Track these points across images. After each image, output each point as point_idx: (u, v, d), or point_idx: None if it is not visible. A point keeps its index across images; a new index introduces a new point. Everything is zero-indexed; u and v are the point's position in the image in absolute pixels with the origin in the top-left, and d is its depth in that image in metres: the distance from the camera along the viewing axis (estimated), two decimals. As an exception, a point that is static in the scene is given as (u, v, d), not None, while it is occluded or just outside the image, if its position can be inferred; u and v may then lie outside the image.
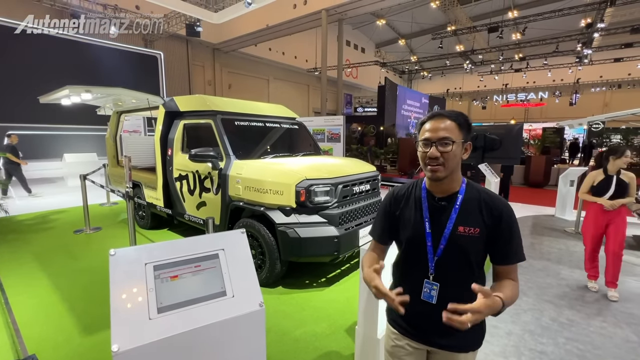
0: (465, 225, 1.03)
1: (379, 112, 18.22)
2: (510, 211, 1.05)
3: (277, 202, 3.06)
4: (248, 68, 20.94)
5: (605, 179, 3.19)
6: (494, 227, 1.02)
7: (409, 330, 1.14)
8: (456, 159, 1.03)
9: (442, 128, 1.01)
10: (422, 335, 1.11)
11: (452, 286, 1.05)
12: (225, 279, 1.17)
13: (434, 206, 1.08)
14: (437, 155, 1.00)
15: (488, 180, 5.41)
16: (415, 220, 1.09)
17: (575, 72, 24.28)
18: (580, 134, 20.26)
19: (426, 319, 1.08)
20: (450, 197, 1.07)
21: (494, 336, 2.56)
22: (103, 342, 2.36)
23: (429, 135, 1.02)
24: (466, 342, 1.10)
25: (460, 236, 1.03)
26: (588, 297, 3.20)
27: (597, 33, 16.20)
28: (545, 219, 6.26)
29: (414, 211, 1.11)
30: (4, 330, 2.58)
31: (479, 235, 1.02)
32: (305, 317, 2.73)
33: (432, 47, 22.88)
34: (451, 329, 1.03)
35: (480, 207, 1.04)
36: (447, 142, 1.00)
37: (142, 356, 0.97)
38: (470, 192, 1.07)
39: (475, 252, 1.03)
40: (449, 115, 1.03)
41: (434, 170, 1.02)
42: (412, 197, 1.14)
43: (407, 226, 1.11)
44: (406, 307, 1.10)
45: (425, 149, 1.03)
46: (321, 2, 14.42)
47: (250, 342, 1.16)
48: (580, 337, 2.55)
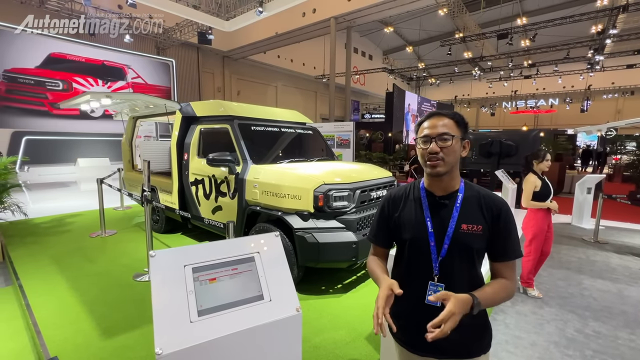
0: (468, 223, 1.03)
1: (387, 118, 18.24)
2: (509, 208, 1.07)
3: (294, 206, 3.05)
4: (257, 75, 21.21)
5: (544, 183, 3.18)
6: (493, 224, 1.03)
7: (416, 345, 1.10)
8: (456, 155, 1.04)
9: (441, 125, 1.04)
10: (430, 346, 1.05)
11: (457, 286, 1.01)
12: (261, 282, 1.16)
13: (435, 205, 1.08)
14: (438, 150, 1.02)
15: (505, 186, 5.33)
16: (417, 220, 1.08)
17: (586, 78, 23.99)
18: (593, 141, 19.94)
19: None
20: (450, 196, 1.07)
21: (517, 347, 2.49)
22: (123, 347, 2.36)
23: (429, 132, 1.04)
24: (477, 345, 1.07)
25: (464, 234, 1.03)
26: (614, 308, 3.10)
27: (609, 39, 16.05)
28: (562, 227, 6.12)
29: (414, 211, 1.10)
30: (25, 332, 2.60)
31: (482, 233, 1.03)
32: (324, 323, 2.70)
33: (440, 54, 22.92)
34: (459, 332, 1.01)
35: (480, 204, 1.05)
36: (446, 137, 1.02)
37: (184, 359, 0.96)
38: (469, 190, 1.08)
39: (478, 249, 1.03)
40: (446, 114, 1.07)
41: (434, 165, 1.03)
42: (410, 198, 1.13)
43: (408, 227, 1.10)
44: (410, 316, 1.09)
45: (425, 145, 1.04)
46: (330, 10, 14.59)
47: (287, 348, 1.14)
48: (609, 350, 2.47)
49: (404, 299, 1.08)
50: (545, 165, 3.20)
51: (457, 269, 1.03)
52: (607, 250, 4.83)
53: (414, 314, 1.07)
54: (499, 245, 1.05)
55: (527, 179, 3.21)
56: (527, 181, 3.20)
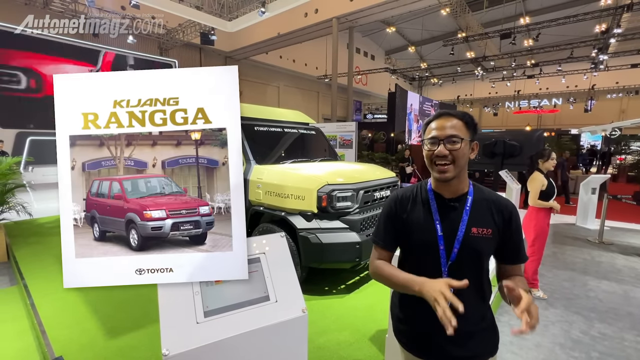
0: (479, 227, 1.01)
1: (389, 118, 18.21)
2: (517, 211, 1.06)
3: (298, 207, 3.05)
4: (259, 76, 21.24)
5: (549, 183, 3.17)
6: (504, 228, 1.02)
7: (422, 349, 1.09)
8: (465, 158, 1.01)
9: (450, 126, 1.00)
10: (437, 351, 1.06)
11: (465, 291, 0.93)
12: (267, 283, 1.16)
13: (444, 208, 1.05)
14: (446, 154, 0.98)
15: (509, 187, 5.30)
16: (426, 223, 1.05)
17: (590, 78, 23.84)
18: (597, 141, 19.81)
19: (439, 329, 1.00)
20: (460, 198, 1.05)
21: (522, 348, 2.48)
22: (128, 347, 2.37)
23: (437, 134, 1.01)
24: (483, 349, 1.06)
25: (474, 238, 1.01)
26: (620, 310, 3.08)
27: (613, 39, 15.94)
28: (566, 228, 6.09)
29: (422, 214, 1.06)
30: (30, 331, 2.61)
31: (492, 236, 1.01)
32: (328, 324, 2.69)
33: (442, 53, 22.85)
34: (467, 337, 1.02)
35: (490, 207, 1.03)
36: (455, 139, 0.98)
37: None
38: (478, 193, 1.06)
39: (488, 253, 1.02)
40: (455, 114, 1.03)
41: (442, 171, 1.00)
42: (418, 199, 1.10)
43: (416, 230, 1.06)
44: (417, 322, 1.07)
45: (432, 147, 1.01)
46: (332, 10, 14.60)
47: (293, 349, 1.14)
48: (615, 352, 2.45)
49: (411, 304, 1.07)
50: (550, 164, 3.19)
51: (467, 273, 1.00)
52: (612, 251, 4.80)
53: (421, 319, 1.05)
54: (511, 248, 1.04)
55: (535, 177, 3.19)
56: (535, 180, 3.17)
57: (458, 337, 1.01)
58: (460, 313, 0.82)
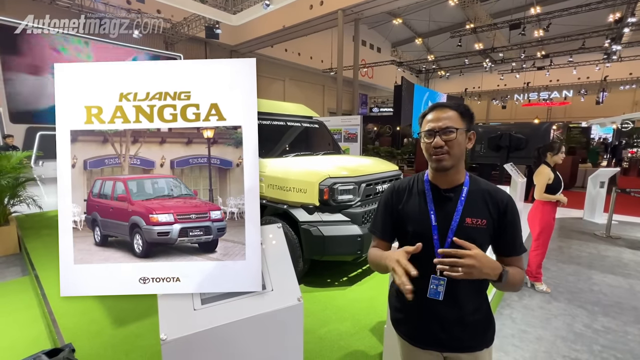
0: (473, 217, 1.02)
1: (395, 112, 18.04)
2: (514, 203, 1.06)
3: (300, 200, 3.07)
4: (264, 69, 21.17)
5: (556, 176, 3.12)
6: (499, 220, 1.03)
7: (418, 338, 1.11)
8: (460, 148, 1.02)
9: (445, 117, 1.02)
10: (432, 339, 1.08)
11: (460, 282, 1.00)
12: (264, 272, 1.18)
13: (439, 198, 1.07)
14: (442, 144, 1.00)
15: (514, 180, 5.24)
16: (421, 213, 1.07)
17: (602, 69, 23.20)
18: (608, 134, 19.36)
19: (433, 318, 1.05)
20: (455, 189, 1.06)
21: (523, 341, 2.48)
22: (133, 335, 2.44)
23: (432, 126, 1.03)
24: (478, 340, 1.07)
25: (468, 228, 1.02)
26: (625, 304, 3.05)
27: (627, 28, 15.45)
28: (573, 222, 6.01)
29: (418, 204, 1.09)
30: (41, 320, 2.71)
31: (486, 227, 1.02)
32: (329, 315, 2.73)
33: (449, 45, 22.43)
34: (461, 327, 1.03)
35: (485, 198, 1.04)
36: (450, 130, 1.00)
37: (187, 345, 0.99)
38: (474, 184, 1.07)
39: (482, 244, 1.02)
40: (450, 106, 1.05)
41: (439, 160, 1.02)
42: (414, 190, 1.12)
43: (412, 220, 1.09)
44: (412, 310, 1.09)
45: (429, 139, 1.03)
46: (337, 2, 14.41)
47: (288, 336, 1.17)
48: (618, 346, 2.43)
49: None
50: (559, 157, 3.13)
51: None
52: (619, 246, 4.73)
53: (416, 307, 1.07)
54: (507, 241, 1.04)
55: (541, 171, 3.14)
56: (541, 173, 3.12)
57: (453, 327, 1.03)
58: (413, 276, 0.88)
